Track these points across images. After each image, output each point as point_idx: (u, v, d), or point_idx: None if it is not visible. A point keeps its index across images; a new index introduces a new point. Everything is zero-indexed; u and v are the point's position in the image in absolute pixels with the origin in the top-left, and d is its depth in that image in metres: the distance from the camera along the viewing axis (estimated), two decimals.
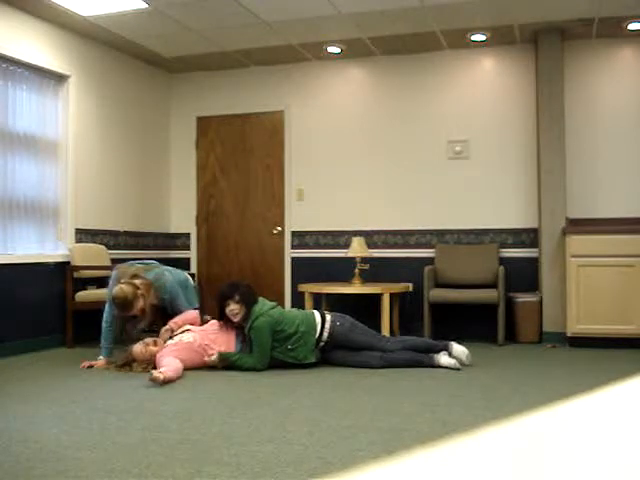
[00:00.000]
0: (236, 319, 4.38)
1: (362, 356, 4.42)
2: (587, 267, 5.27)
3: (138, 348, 4.34)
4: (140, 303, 4.37)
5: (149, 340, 4.37)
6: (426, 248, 6.26)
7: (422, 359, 4.38)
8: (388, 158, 6.42)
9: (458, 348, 4.44)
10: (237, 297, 4.37)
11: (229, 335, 4.43)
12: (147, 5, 5.13)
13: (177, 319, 4.56)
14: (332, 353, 4.49)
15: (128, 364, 4.33)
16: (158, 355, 4.25)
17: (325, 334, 4.41)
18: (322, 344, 4.44)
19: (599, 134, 5.90)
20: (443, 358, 4.36)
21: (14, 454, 2.52)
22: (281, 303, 6.19)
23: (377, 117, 6.48)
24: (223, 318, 4.44)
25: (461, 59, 6.26)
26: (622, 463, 2.37)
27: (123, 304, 4.33)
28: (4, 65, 5.11)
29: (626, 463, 2.36)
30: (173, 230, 7.09)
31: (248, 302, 4.39)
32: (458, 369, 4.29)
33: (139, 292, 4.38)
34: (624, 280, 5.18)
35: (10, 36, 5.10)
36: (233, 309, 4.36)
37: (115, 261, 5.98)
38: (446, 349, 4.45)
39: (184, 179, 7.05)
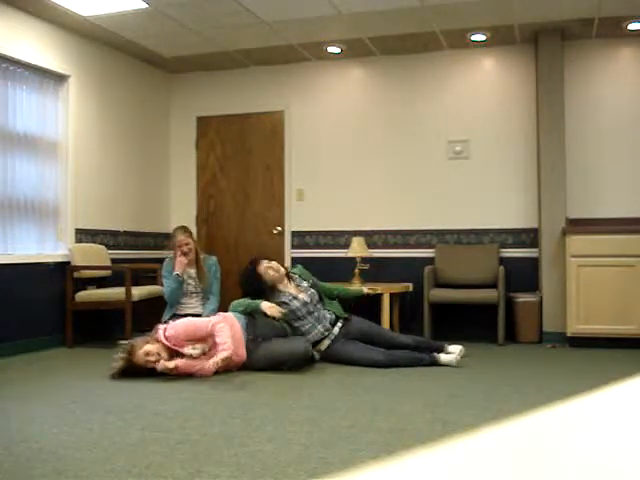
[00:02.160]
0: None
1: (368, 352, 4.46)
2: (587, 267, 5.27)
3: (142, 359, 4.00)
4: (193, 243, 5.25)
5: (151, 350, 4.01)
6: (426, 248, 6.26)
7: (423, 357, 4.47)
8: (388, 158, 6.42)
9: (451, 347, 4.61)
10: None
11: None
12: (147, 5, 5.13)
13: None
14: (338, 348, 4.54)
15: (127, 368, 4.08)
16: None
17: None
18: (340, 325, 4.61)
19: (599, 134, 5.90)
20: (442, 356, 4.47)
21: (14, 454, 2.51)
22: None
23: (377, 117, 6.47)
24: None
25: (461, 59, 6.26)
26: (622, 463, 2.36)
27: (184, 227, 5.37)
28: (4, 65, 5.11)
29: (626, 463, 2.36)
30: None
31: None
32: (456, 366, 4.39)
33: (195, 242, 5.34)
34: (624, 280, 5.19)
35: (10, 36, 5.10)
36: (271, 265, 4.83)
37: (115, 261, 5.99)
38: (442, 348, 4.61)
39: (184, 179, 7.04)
